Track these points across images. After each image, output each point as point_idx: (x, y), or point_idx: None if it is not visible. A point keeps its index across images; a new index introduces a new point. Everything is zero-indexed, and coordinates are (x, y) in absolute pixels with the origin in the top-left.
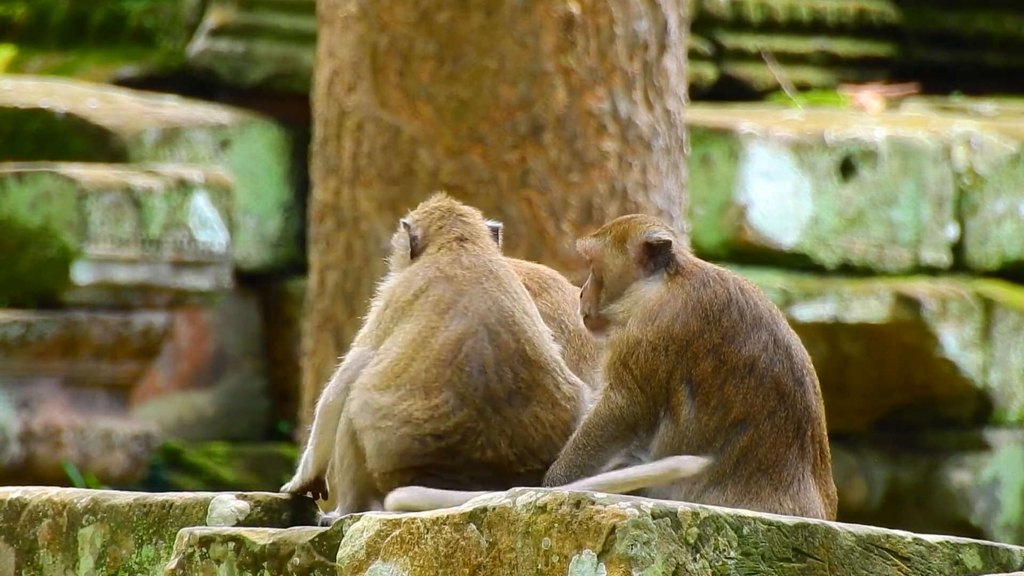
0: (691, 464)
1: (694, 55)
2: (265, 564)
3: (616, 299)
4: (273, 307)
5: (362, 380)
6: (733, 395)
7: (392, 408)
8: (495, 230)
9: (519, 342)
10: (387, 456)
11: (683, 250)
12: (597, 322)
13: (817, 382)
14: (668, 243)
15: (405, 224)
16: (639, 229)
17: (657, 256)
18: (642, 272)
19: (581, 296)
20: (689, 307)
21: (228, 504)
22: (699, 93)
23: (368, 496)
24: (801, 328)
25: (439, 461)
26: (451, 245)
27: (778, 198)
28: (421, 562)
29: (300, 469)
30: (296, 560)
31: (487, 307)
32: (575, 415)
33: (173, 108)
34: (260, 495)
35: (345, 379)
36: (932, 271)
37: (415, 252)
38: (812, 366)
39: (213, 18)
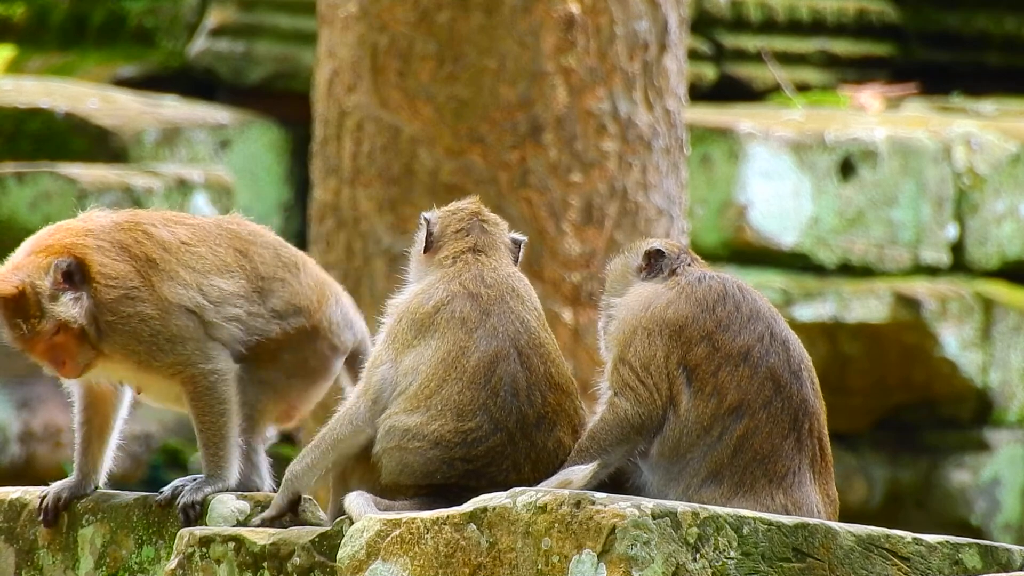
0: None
1: (694, 55)
2: (265, 564)
3: (617, 297)
4: None
5: (390, 410)
6: (727, 382)
7: (421, 428)
8: (517, 243)
9: (546, 364)
10: (409, 475)
11: (695, 264)
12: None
13: (816, 380)
14: (659, 251)
15: (425, 218)
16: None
17: (652, 263)
18: (637, 278)
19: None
20: (682, 297)
21: (228, 504)
22: (699, 93)
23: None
24: (801, 328)
25: (462, 481)
26: (466, 257)
27: (778, 198)
28: (421, 562)
29: (284, 486)
30: (296, 560)
31: (516, 328)
32: None
33: (173, 108)
34: (260, 495)
35: (376, 411)
36: (932, 271)
37: (428, 247)
38: (811, 364)
39: (213, 18)
